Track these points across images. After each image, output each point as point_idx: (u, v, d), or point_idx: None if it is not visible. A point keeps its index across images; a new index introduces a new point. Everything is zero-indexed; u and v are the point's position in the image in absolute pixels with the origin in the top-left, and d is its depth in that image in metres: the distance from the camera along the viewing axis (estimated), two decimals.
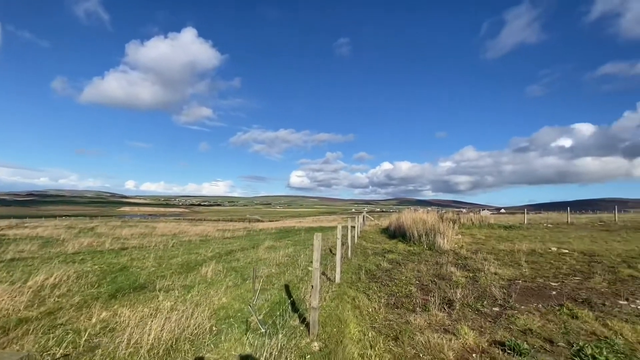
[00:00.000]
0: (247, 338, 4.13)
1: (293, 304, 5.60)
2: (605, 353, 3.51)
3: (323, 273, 7.85)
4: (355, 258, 10.04)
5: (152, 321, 4.32)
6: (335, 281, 7.03)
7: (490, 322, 4.77)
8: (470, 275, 7.52)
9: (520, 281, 6.93)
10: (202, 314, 4.86)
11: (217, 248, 13.25)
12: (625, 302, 5.46)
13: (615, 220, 19.81)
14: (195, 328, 4.40)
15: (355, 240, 13.80)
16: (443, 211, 24.73)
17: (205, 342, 4.09)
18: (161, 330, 4.16)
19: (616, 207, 21.33)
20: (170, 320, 4.40)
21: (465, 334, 4.22)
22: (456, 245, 11.45)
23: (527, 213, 21.34)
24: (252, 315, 4.95)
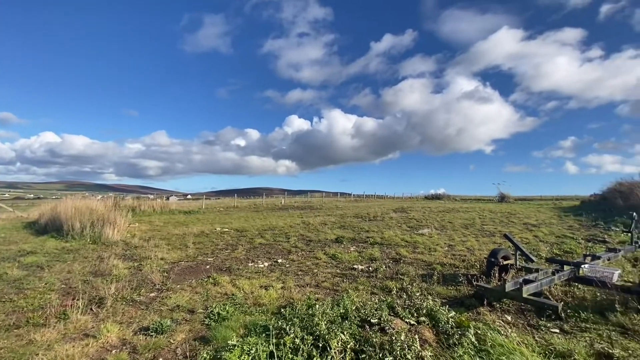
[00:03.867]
0: None
1: None
2: (227, 307, 4.51)
3: None
4: None
5: None
6: None
7: (142, 309, 4.72)
8: (136, 265, 7.20)
9: (183, 262, 7.56)
10: None
11: None
12: (252, 264, 7.45)
13: (263, 203, 27.28)
14: None
15: None
16: (124, 197, 22.43)
17: None
18: None
19: (264, 194, 29.45)
20: None
21: (108, 331, 3.86)
22: (129, 235, 10.65)
23: (207, 199, 24.26)
24: None
